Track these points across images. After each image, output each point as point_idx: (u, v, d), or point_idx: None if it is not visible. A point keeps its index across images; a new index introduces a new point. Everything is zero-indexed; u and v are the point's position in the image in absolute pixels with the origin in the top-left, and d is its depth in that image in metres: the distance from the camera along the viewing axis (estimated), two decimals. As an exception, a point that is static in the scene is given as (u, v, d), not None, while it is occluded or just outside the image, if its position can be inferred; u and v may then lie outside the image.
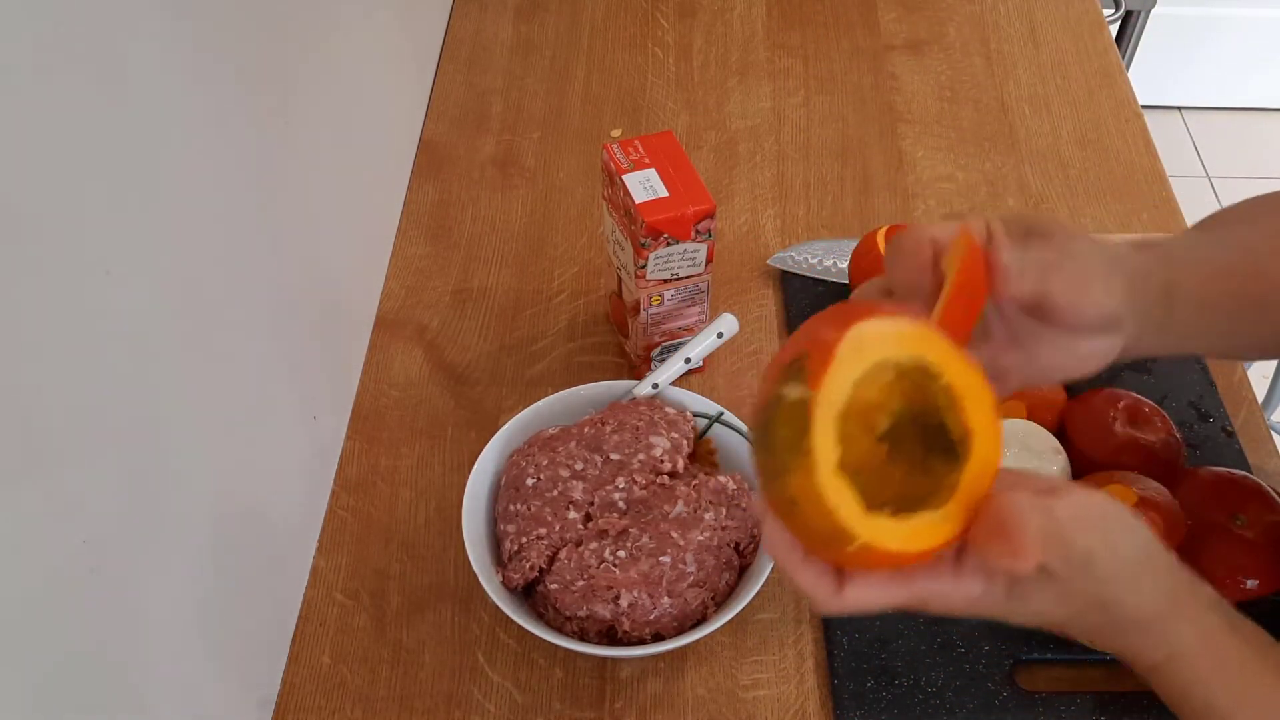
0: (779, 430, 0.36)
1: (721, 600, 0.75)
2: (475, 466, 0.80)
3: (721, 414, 0.84)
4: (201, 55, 0.65)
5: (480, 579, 0.73)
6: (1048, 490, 0.43)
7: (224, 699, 0.69)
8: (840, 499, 0.35)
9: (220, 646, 0.69)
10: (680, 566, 0.73)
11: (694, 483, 0.77)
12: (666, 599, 0.72)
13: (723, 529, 0.75)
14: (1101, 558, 0.43)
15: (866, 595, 0.41)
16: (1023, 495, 0.41)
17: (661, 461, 0.79)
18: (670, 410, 0.82)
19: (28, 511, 0.48)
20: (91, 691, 0.54)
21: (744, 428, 0.82)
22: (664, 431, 0.80)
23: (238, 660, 0.72)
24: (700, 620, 0.73)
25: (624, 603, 0.72)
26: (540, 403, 0.84)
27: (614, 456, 0.79)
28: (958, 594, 0.42)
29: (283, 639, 0.78)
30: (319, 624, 0.80)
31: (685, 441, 0.80)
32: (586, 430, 0.81)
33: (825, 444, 0.34)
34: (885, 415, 0.40)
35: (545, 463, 0.79)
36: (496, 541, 0.78)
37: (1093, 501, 0.44)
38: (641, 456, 0.78)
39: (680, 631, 0.73)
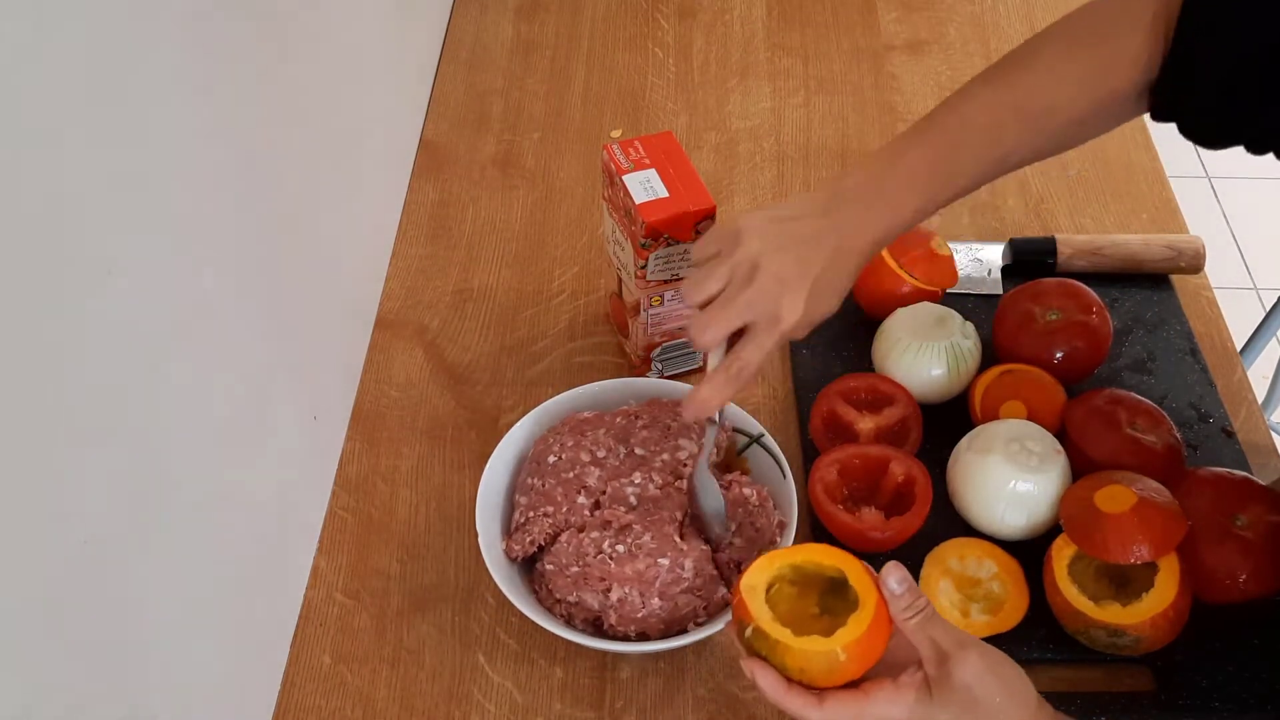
0: (755, 645, 0.61)
1: (715, 611, 0.73)
2: (507, 436, 0.81)
3: (761, 435, 0.81)
4: (202, 56, 0.65)
5: (481, 544, 0.74)
6: (960, 643, 0.58)
7: (224, 699, 0.69)
8: (788, 640, 0.59)
9: (220, 647, 0.69)
10: (677, 571, 0.72)
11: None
12: (657, 600, 0.72)
13: (730, 544, 0.75)
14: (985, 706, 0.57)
15: (838, 708, 0.58)
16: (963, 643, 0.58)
17: (684, 465, 0.78)
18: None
19: (28, 511, 0.48)
20: (91, 692, 0.54)
21: (779, 452, 0.80)
22: (694, 435, 0.79)
23: (238, 660, 0.72)
24: (689, 625, 0.73)
25: (614, 596, 0.72)
26: (593, 385, 0.84)
27: (638, 451, 0.78)
28: (899, 698, 0.58)
29: (283, 639, 0.78)
30: (319, 624, 0.80)
31: (714, 449, 0.78)
32: (619, 420, 0.80)
33: (772, 629, 0.59)
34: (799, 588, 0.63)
35: (570, 444, 0.78)
36: (510, 510, 0.79)
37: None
38: (665, 456, 0.78)
39: (666, 634, 0.72)
